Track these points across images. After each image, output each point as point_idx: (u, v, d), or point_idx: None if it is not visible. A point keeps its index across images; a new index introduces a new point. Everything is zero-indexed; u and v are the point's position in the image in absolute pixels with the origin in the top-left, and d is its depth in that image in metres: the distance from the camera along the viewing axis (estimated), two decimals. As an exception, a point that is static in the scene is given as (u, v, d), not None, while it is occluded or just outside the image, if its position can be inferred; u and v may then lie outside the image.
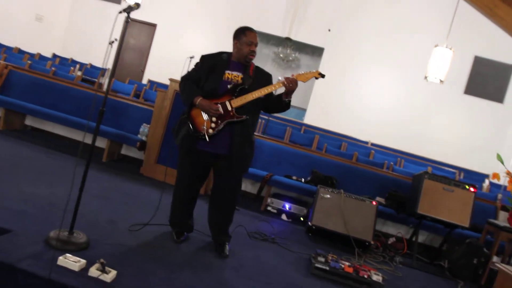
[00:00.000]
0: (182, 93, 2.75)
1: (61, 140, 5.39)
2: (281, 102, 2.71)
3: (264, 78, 2.80)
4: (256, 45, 2.74)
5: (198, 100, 2.63)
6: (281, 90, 2.72)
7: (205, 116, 2.64)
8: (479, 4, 8.78)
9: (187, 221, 2.94)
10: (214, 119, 2.63)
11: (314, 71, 2.70)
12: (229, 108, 2.63)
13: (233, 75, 2.71)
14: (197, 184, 2.90)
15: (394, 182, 4.89)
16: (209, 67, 2.72)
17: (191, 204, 2.93)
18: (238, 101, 2.63)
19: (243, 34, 2.73)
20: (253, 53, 2.73)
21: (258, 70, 2.84)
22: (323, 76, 2.70)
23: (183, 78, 2.81)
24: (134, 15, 2.58)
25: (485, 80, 9.07)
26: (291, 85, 2.60)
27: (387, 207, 4.51)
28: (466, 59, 9.03)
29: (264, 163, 5.04)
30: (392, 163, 6.28)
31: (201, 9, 10.12)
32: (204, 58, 2.80)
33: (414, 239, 4.13)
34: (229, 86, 2.67)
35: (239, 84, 2.67)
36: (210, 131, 2.62)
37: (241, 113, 2.65)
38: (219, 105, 2.62)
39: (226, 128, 2.65)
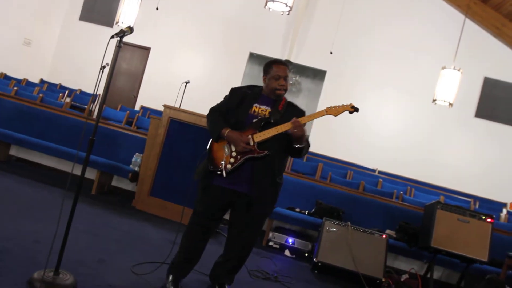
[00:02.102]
0: (209, 125, 2.73)
1: (48, 172, 5.37)
2: (291, 148, 2.62)
3: (296, 115, 2.67)
4: (285, 79, 2.69)
5: (227, 132, 2.59)
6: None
7: (226, 151, 2.60)
8: (485, 24, 9.00)
9: (192, 267, 2.78)
10: (234, 154, 2.58)
11: (346, 104, 2.69)
12: (251, 143, 2.56)
13: (261, 109, 2.68)
14: (212, 225, 2.76)
15: (405, 213, 4.86)
16: (239, 100, 2.71)
17: (202, 248, 2.77)
18: (261, 136, 2.57)
19: (270, 68, 2.72)
20: (281, 87, 2.68)
21: (290, 105, 2.78)
22: (357, 110, 2.66)
23: (212, 109, 2.79)
24: (126, 38, 2.60)
25: (497, 102, 9.15)
26: (295, 130, 2.49)
27: (398, 241, 4.46)
28: (476, 81, 9.15)
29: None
30: (401, 192, 6.25)
31: (196, 31, 10.32)
32: (233, 90, 2.79)
33: (429, 275, 4.06)
34: (254, 120, 2.63)
35: (265, 118, 2.63)
36: (229, 166, 2.57)
37: (265, 150, 2.57)
38: (250, 137, 2.56)
39: (247, 165, 2.58)
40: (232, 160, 2.58)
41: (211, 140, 2.72)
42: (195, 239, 2.72)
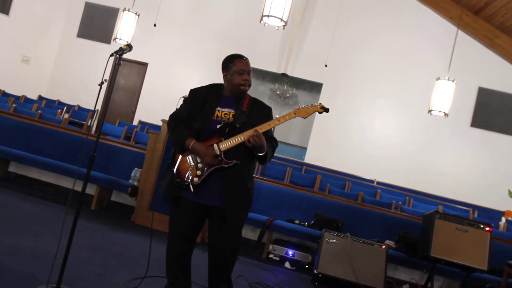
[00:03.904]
0: (171, 135, 2.54)
1: (47, 188, 5.37)
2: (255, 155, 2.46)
3: (262, 112, 2.57)
4: (249, 73, 2.52)
5: (192, 143, 2.41)
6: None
7: (190, 162, 2.43)
8: (478, 35, 9.13)
9: (185, 283, 2.61)
10: (200, 165, 2.41)
11: (315, 105, 2.48)
12: (217, 152, 2.38)
13: (224, 113, 2.49)
14: (191, 236, 2.57)
15: (404, 223, 4.87)
16: (199, 104, 2.52)
17: (187, 261, 2.61)
18: (227, 144, 2.39)
19: (231, 63, 2.52)
20: (246, 82, 2.50)
21: (255, 103, 2.60)
22: (326, 110, 2.46)
23: (172, 117, 2.59)
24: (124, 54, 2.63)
25: (492, 111, 9.24)
26: (252, 140, 2.31)
27: (397, 251, 4.47)
28: (470, 91, 9.24)
29: (264, 206, 5.02)
30: (400, 202, 6.27)
31: (193, 46, 10.42)
32: (192, 93, 2.59)
33: (429, 285, 4.06)
34: (218, 126, 2.45)
35: (229, 123, 2.44)
36: (195, 179, 2.39)
37: (232, 157, 2.40)
38: (216, 147, 2.39)
39: (215, 175, 2.41)
40: (198, 172, 2.40)
41: (174, 151, 2.53)
42: (172, 259, 2.56)
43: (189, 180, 2.39)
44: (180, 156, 2.49)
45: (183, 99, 6.47)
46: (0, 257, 2.77)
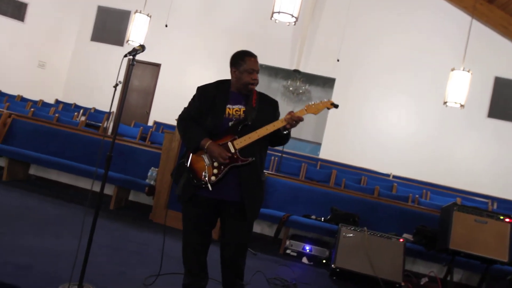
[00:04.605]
0: (184, 135, 2.54)
1: (67, 189, 5.47)
2: (280, 135, 2.51)
3: (270, 107, 2.61)
4: (257, 72, 2.55)
5: (207, 144, 2.41)
6: None
7: (206, 161, 2.44)
8: (493, 24, 8.95)
9: (201, 281, 2.62)
10: (216, 164, 2.42)
11: (325, 101, 2.52)
12: (232, 151, 2.42)
13: (235, 110, 2.52)
14: (207, 234, 2.61)
15: (421, 216, 4.82)
16: (210, 102, 2.52)
17: (203, 255, 2.63)
18: (242, 142, 2.42)
19: (242, 61, 2.52)
20: (255, 82, 2.53)
21: (262, 98, 2.62)
22: (336, 106, 2.50)
23: (181, 117, 2.59)
24: (138, 55, 2.66)
25: (509, 101, 9.06)
26: (294, 123, 2.42)
27: (415, 244, 4.42)
28: (486, 81, 9.08)
29: (280, 203, 5.03)
30: (417, 195, 6.20)
31: (205, 45, 10.46)
32: (201, 90, 2.59)
33: (448, 278, 4.01)
34: (230, 124, 2.48)
35: (241, 120, 2.47)
36: (213, 178, 2.41)
37: (246, 154, 2.43)
38: (230, 145, 2.42)
39: (231, 172, 2.43)
40: (215, 171, 2.42)
41: (186, 151, 2.54)
42: (194, 259, 2.58)
43: (206, 179, 2.41)
44: (192, 155, 2.49)
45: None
46: (23, 257, 2.83)
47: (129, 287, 2.74)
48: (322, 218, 4.78)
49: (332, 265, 3.95)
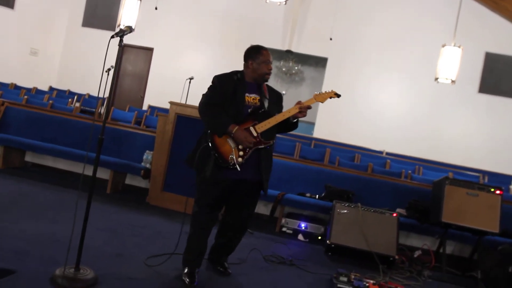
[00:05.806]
0: (212, 120, 2.67)
1: (63, 175, 5.42)
2: (288, 123, 2.81)
3: (277, 98, 2.90)
4: (271, 63, 2.83)
5: (235, 129, 2.60)
6: None
7: (231, 144, 2.63)
8: (483, -1, 8.86)
9: (203, 256, 2.82)
10: (241, 146, 2.63)
11: (329, 91, 2.82)
12: (255, 134, 2.65)
13: (252, 98, 2.76)
14: (216, 215, 2.85)
15: (414, 191, 4.82)
16: (232, 90, 2.71)
17: (207, 237, 2.83)
18: (263, 126, 2.67)
19: (259, 54, 2.77)
20: (270, 72, 2.80)
21: (270, 89, 2.90)
22: (338, 96, 2.80)
23: (205, 103, 2.71)
24: (130, 40, 2.60)
25: (499, 76, 9.03)
26: (304, 112, 2.72)
27: (409, 218, 4.44)
28: (477, 57, 9.02)
29: (275, 182, 5.01)
30: (410, 171, 6.20)
31: (196, 27, 10.29)
32: (220, 79, 2.75)
33: (441, 250, 4.04)
34: (249, 110, 2.71)
35: (259, 107, 2.73)
36: (240, 159, 2.62)
37: (266, 137, 2.69)
38: (253, 129, 2.66)
39: (253, 154, 2.67)
40: (241, 153, 2.63)
41: (210, 133, 2.67)
42: (204, 231, 2.78)
43: (233, 161, 2.60)
44: (218, 139, 2.65)
45: (189, 80, 6.45)
46: (21, 243, 2.81)
47: (126, 269, 2.73)
48: (317, 196, 4.78)
49: (328, 241, 3.96)
